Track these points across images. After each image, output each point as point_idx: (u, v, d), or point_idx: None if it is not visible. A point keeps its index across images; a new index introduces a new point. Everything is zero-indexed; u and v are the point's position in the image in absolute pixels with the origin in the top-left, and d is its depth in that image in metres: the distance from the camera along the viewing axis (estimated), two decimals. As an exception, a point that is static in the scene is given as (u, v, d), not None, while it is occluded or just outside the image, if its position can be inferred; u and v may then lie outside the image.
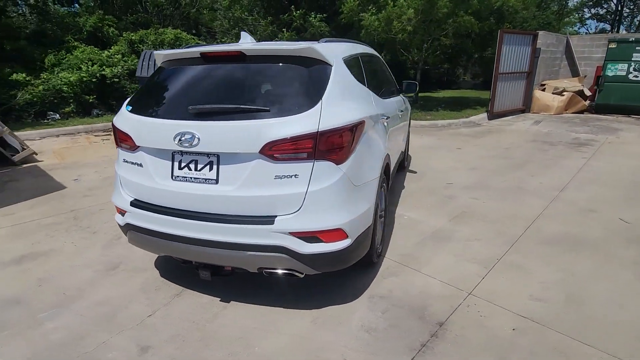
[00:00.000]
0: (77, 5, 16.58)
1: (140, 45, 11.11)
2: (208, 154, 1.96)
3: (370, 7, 9.08)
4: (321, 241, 1.96)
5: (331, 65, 2.11)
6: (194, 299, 2.39)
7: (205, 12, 11.51)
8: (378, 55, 3.76)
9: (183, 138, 1.92)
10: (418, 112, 9.87)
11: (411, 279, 2.59)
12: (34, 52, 10.42)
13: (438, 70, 16.45)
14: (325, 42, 2.34)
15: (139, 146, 2.12)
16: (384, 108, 2.92)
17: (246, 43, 2.51)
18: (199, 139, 1.91)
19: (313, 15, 10.38)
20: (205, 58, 2.18)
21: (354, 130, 2.02)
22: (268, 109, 1.90)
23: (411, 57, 10.23)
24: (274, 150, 1.85)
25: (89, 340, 2.05)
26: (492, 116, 9.32)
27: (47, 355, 1.96)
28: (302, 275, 2.08)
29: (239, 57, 2.11)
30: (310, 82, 2.00)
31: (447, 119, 8.92)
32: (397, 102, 3.70)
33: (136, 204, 2.18)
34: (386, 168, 2.80)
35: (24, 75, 9.12)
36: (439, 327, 2.11)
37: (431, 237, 3.20)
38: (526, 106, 10.25)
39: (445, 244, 3.07)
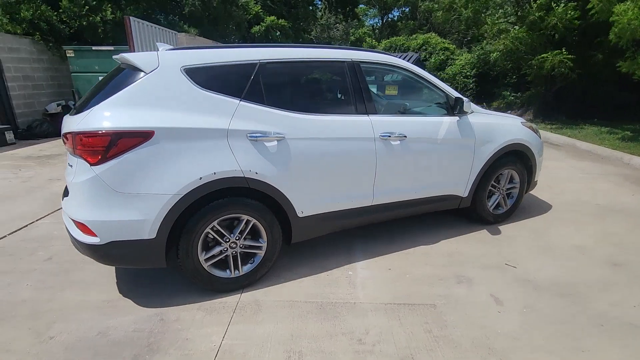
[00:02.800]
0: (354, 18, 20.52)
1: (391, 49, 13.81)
2: None
3: (635, -9, 5.77)
4: (79, 230, 2.17)
5: (145, 73, 2.13)
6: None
7: (439, 14, 10.97)
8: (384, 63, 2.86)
9: None
10: None
11: (208, 324, 2.17)
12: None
13: None
14: (171, 49, 2.31)
15: None
16: (285, 126, 2.37)
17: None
18: None
19: (562, 4, 7.79)
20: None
21: (117, 136, 2.01)
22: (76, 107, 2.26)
23: None
24: (66, 141, 2.22)
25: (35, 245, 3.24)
26: None
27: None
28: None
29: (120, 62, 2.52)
30: (112, 86, 2.17)
31: None
32: (386, 123, 2.70)
33: None
34: (268, 199, 2.40)
35: None
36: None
37: (320, 306, 2.35)
38: None
39: (314, 320, 2.20)
